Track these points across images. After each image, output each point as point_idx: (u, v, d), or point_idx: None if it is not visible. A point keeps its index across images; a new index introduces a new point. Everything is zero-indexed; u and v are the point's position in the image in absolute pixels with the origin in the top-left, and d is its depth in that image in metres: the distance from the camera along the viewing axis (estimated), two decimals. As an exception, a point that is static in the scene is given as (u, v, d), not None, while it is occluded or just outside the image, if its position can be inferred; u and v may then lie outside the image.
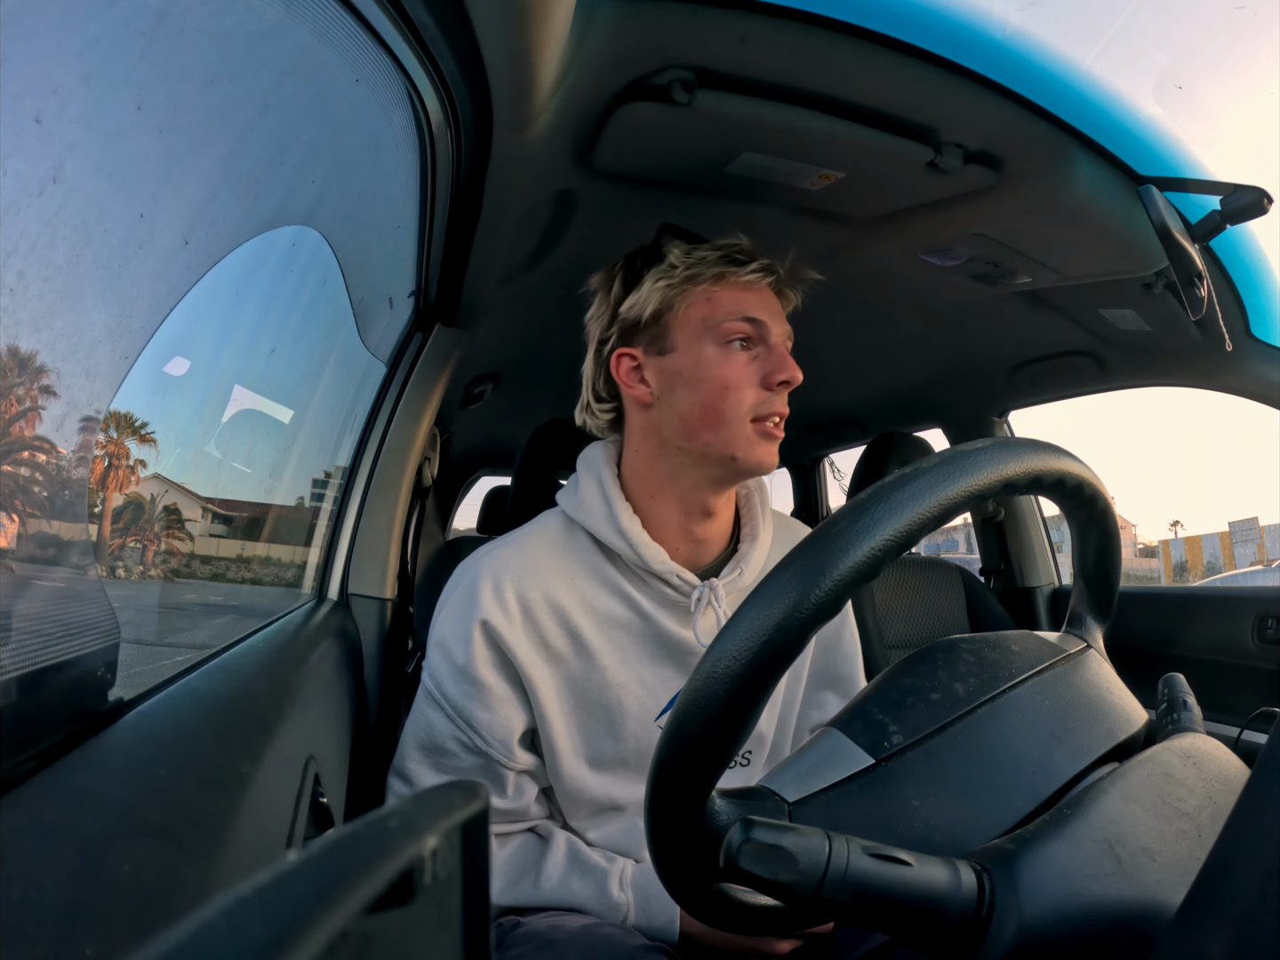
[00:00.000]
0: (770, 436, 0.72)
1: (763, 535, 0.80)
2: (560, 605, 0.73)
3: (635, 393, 0.75)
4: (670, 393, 0.73)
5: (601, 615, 0.74)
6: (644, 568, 0.73)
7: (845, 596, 0.34)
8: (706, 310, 0.72)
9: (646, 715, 0.75)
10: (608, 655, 0.74)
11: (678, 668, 0.76)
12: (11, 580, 0.40)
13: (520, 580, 0.73)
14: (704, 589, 0.74)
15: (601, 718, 0.75)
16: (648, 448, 0.76)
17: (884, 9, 0.68)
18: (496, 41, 0.56)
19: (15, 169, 0.34)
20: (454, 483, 2.91)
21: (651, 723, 0.75)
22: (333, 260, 0.82)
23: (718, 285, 0.73)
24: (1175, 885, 0.33)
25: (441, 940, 0.19)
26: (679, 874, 0.39)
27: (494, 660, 0.72)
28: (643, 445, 0.77)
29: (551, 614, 0.73)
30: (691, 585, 0.74)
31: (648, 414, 0.76)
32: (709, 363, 0.71)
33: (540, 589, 0.73)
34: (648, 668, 0.75)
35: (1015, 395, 1.66)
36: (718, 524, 0.78)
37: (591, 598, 0.74)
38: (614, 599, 0.75)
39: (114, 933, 0.25)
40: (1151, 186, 0.86)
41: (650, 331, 0.74)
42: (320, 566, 1.02)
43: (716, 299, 0.72)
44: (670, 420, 0.74)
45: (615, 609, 0.74)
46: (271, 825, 0.43)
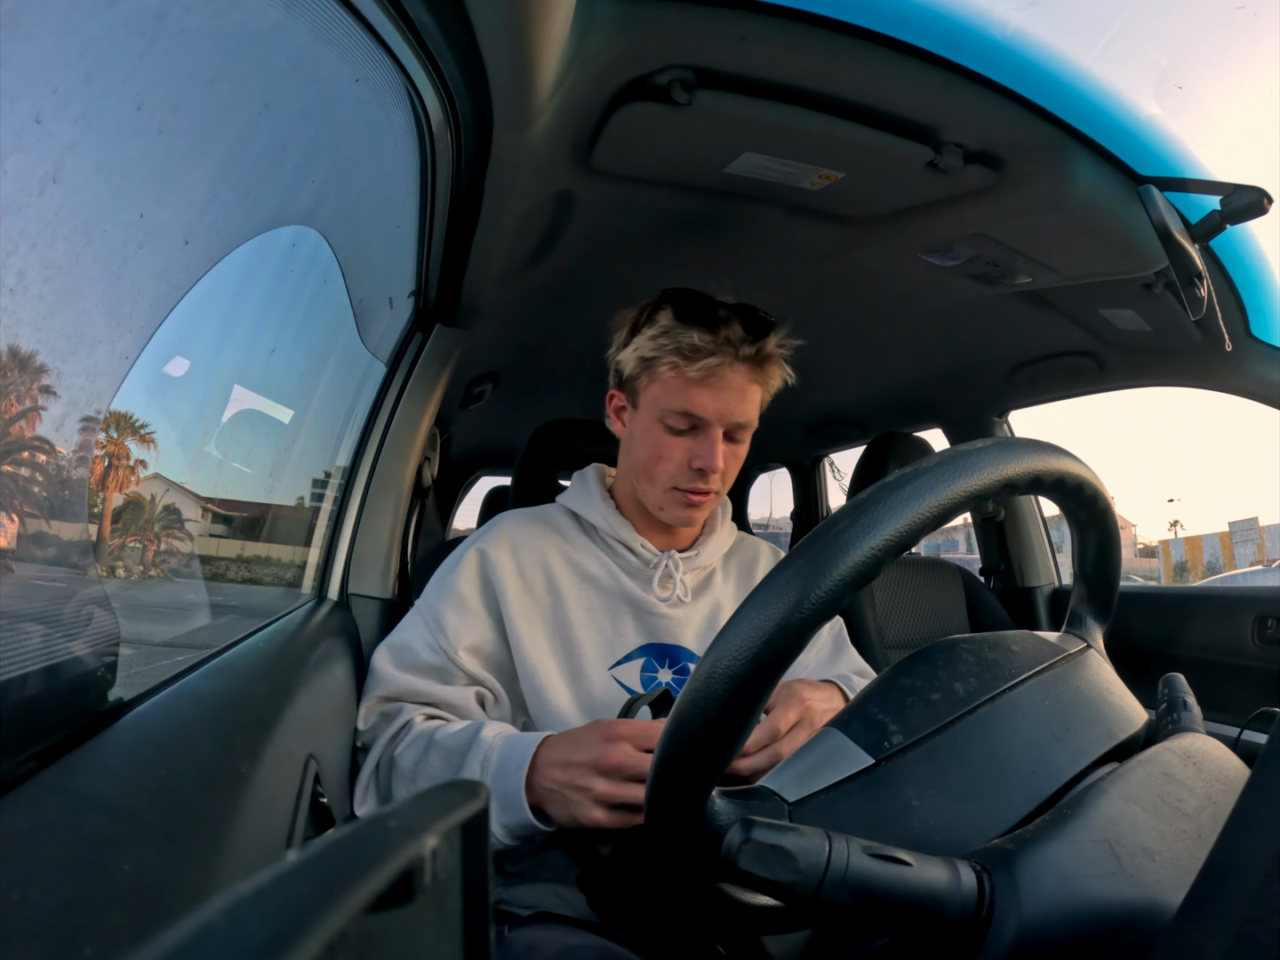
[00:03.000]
0: (689, 504, 0.84)
1: (720, 532, 0.94)
2: (545, 555, 0.87)
3: (616, 427, 0.92)
4: (631, 438, 0.89)
5: (576, 568, 0.88)
6: (614, 536, 0.88)
7: (845, 596, 0.34)
8: (658, 391, 0.83)
9: (602, 662, 0.84)
10: (575, 601, 0.86)
11: (636, 624, 0.87)
12: (11, 580, 0.40)
13: (515, 532, 0.88)
14: (664, 557, 0.88)
15: (562, 654, 0.84)
16: (623, 470, 0.93)
17: (884, 9, 0.68)
18: (496, 41, 0.56)
19: (15, 169, 0.34)
20: (454, 483, 2.91)
21: (607, 671, 0.84)
22: (333, 260, 0.82)
23: (673, 373, 0.81)
24: (1175, 885, 0.33)
25: (441, 940, 0.19)
26: (679, 873, 0.39)
27: (478, 583, 0.85)
28: (621, 465, 0.93)
29: (536, 560, 0.87)
30: (654, 554, 0.88)
31: (624, 446, 0.92)
32: (648, 432, 0.85)
33: (530, 542, 0.88)
34: (608, 619, 0.86)
35: (1015, 395, 1.66)
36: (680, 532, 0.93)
37: (570, 554, 0.89)
38: (589, 558, 0.88)
39: (114, 933, 0.25)
40: (1151, 186, 0.86)
41: (629, 386, 0.88)
42: (320, 566, 1.02)
43: (669, 384, 0.82)
44: (629, 458, 0.90)
45: (589, 565, 0.88)
46: (271, 825, 0.43)
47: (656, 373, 0.82)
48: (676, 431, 0.82)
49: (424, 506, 1.47)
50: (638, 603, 0.87)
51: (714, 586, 0.92)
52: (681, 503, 0.84)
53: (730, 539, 0.97)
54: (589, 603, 0.86)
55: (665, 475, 0.83)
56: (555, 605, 0.85)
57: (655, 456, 0.83)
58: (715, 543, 0.93)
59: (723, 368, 0.80)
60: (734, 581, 0.94)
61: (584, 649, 0.84)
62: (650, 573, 0.88)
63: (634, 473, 0.87)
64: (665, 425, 0.83)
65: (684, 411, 0.81)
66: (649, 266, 1.22)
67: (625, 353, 0.86)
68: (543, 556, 0.87)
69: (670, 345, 0.80)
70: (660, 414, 0.83)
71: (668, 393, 0.82)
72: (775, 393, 0.87)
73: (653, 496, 0.86)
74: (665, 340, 0.81)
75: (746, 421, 0.84)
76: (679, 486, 0.83)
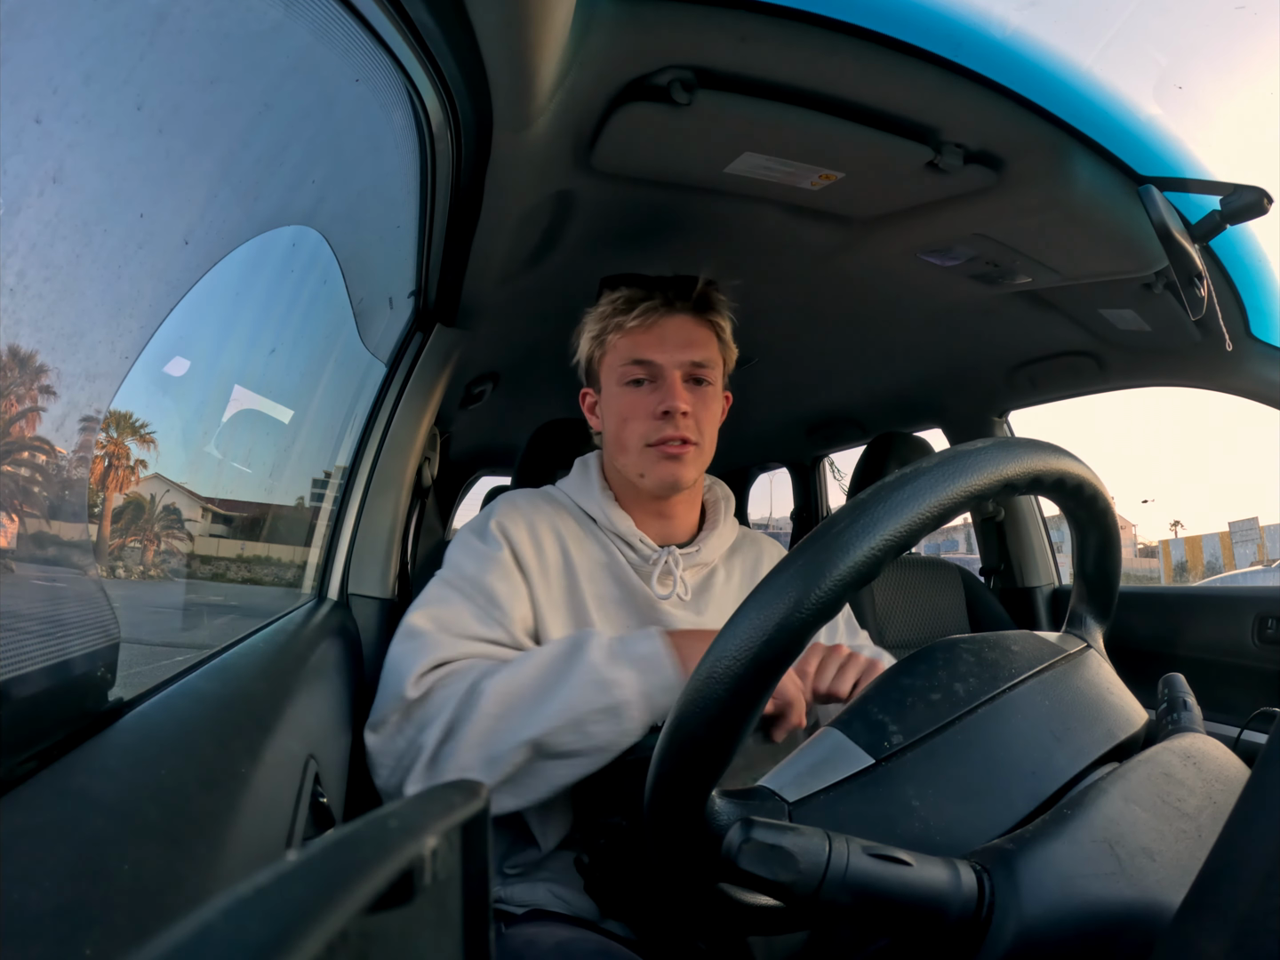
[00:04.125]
0: (670, 456, 0.83)
1: (723, 528, 0.92)
2: (560, 539, 0.85)
3: (592, 422, 0.93)
4: (605, 424, 0.89)
5: (587, 556, 0.86)
6: (612, 529, 0.86)
7: (845, 596, 0.34)
8: (612, 357, 0.87)
9: None
10: (589, 588, 0.84)
11: (639, 619, 0.84)
12: (11, 580, 0.40)
13: (530, 511, 0.86)
14: (664, 553, 0.86)
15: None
16: (607, 463, 0.92)
17: (884, 9, 0.68)
18: (496, 41, 0.56)
19: (15, 169, 0.34)
20: (454, 483, 2.91)
21: None
22: (333, 260, 0.82)
23: (617, 334, 0.85)
24: (1175, 885, 0.33)
25: (441, 940, 0.19)
26: (679, 873, 0.39)
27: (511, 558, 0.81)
28: (607, 460, 0.92)
29: (553, 542, 0.85)
30: (653, 549, 0.86)
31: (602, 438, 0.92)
32: (613, 399, 0.87)
33: (544, 524, 0.85)
34: (614, 607, 0.85)
35: (1015, 395, 1.66)
36: (676, 521, 0.91)
37: (580, 541, 0.87)
38: (596, 547, 0.87)
39: (114, 933, 0.25)
40: (1151, 186, 0.86)
41: (590, 373, 0.91)
42: (320, 566, 1.02)
43: (617, 346, 0.86)
44: (608, 445, 0.90)
45: (597, 554, 0.87)
46: (271, 825, 0.43)
47: (607, 343, 0.87)
48: (636, 383, 0.85)
49: (424, 506, 1.47)
50: (641, 598, 0.86)
51: (716, 586, 0.90)
52: (660, 457, 0.83)
53: (733, 535, 0.95)
54: (600, 591, 0.85)
55: (636, 434, 0.84)
56: (571, 589, 0.84)
57: (622, 419, 0.85)
58: (717, 539, 0.91)
59: (661, 314, 0.84)
60: (736, 581, 0.93)
61: None
62: (649, 569, 0.86)
63: (612, 452, 0.88)
64: (625, 384, 0.85)
65: (635, 360, 0.84)
66: (649, 266, 1.21)
67: (581, 345, 0.91)
68: (558, 539, 0.85)
69: (609, 310, 0.86)
70: (618, 376, 0.85)
71: (618, 354, 0.85)
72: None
73: (632, 465, 0.85)
74: (606, 309, 0.86)
75: (704, 360, 0.85)
76: (651, 441, 0.83)
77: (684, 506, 0.91)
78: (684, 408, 0.82)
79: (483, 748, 0.67)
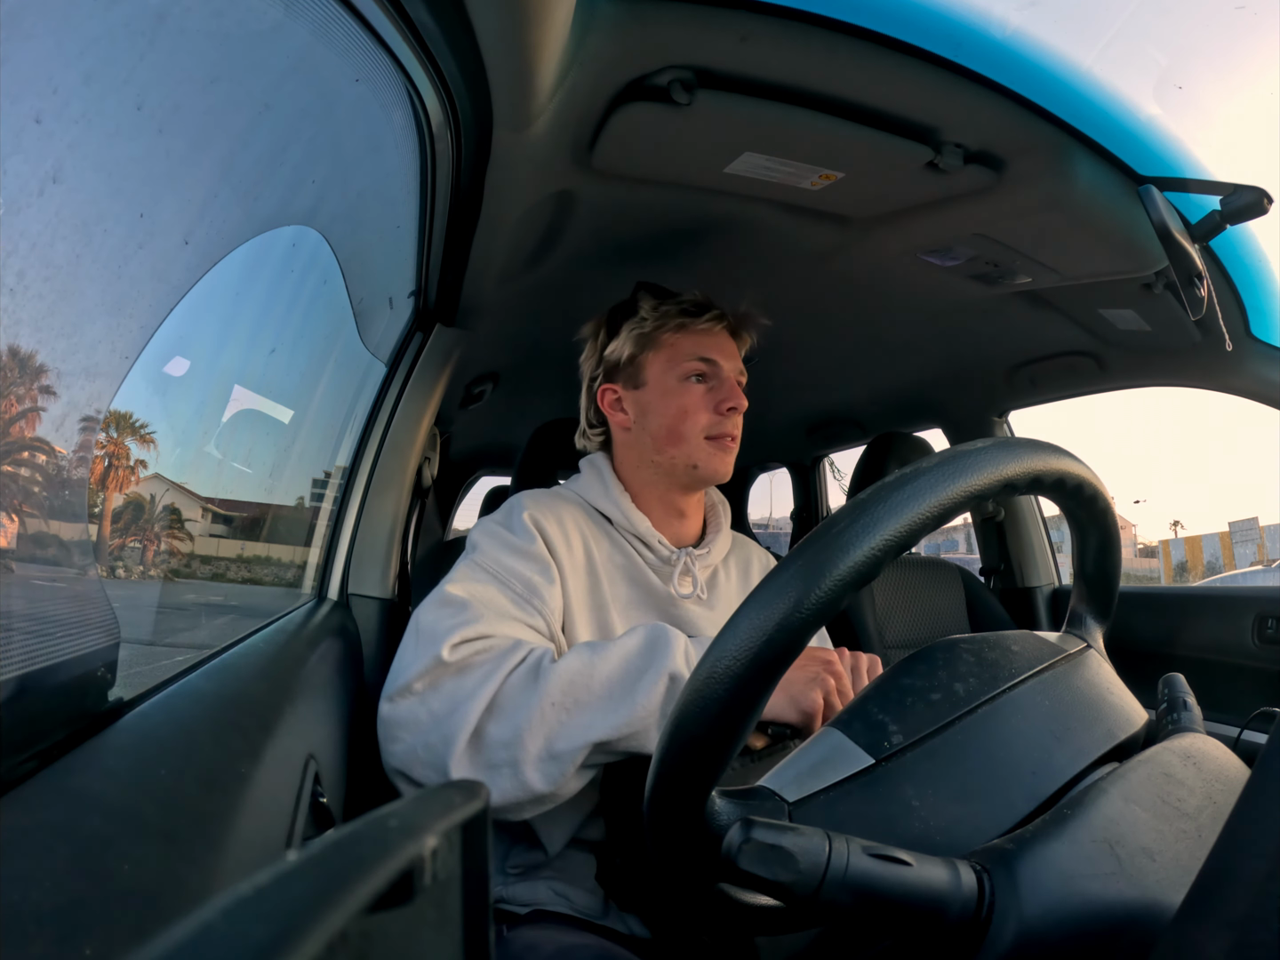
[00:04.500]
0: (724, 449, 0.89)
1: (725, 530, 0.98)
2: (585, 535, 0.87)
3: (617, 419, 0.93)
4: (644, 418, 0.90)
5: (607, 556, 0.87)
6: (631, 530, 0.88)
7: (845, 596, 0.34)
8: (670, 353, 0.89)
9: None
10: (609, 588, 0.85)
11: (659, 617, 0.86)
12: (11, 580, 0.40)
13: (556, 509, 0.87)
14: (682, 553, 0.89)
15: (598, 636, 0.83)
16: (630, 462, 0.93)
17: (884, 9, 0.68)
18: (496, 41, 0.56)
19: (15, 169, 0.34)
20: (454, 483, 2.91)
21: None
22: (333, 260, 0.82)
23: (679, 333, 0.89)
24: (1175, 885, 0.33)
25: (441, 940, 0.19)
26: (679, 873, 0.39)
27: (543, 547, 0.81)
28: (626, 460, 0.93)
29: (579, 540, 0.86)
30: (670, 550, 0.89)
31: (628, 435, 0.93)
32: (672, 394, 0.88)
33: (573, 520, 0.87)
34: (634, 609, 0.86)
35: (1015, 395, 1.66)
36: (689, 522, 0.94)
37: (600, 541, 0.88)
38: (614, 548, 0.89)
39: (114, 933, 0.25)
40: (1151, 186, 0.86)
41: (627, 371, 0.92)
42: (320, 566, 1.02)
43: (678, 344, 0.89)
44: (644, 440, 0.90)
45: (613, 554, 0.88)
46: (271, 825, 0.43)
47: (661, 341, 0.89)
48: (699, 380, 0.88)
49: (424, 506, 1.47)
50: (661, 597, 0.88)
51: (720, 583, 0.95)
52: (717, 449, 0.88)
53: (730, 535, 1.00)
54: (620, 592, 0.86)
55: (697, 427, 0.87)
56: (594, 589, 0.84)
57: (682, 413, 0.88)
58: (722, 540, 0.95)
59: (720, 324, 0.90)
60: (735, 579, 0.97)
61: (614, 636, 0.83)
62: (669, 569, 0.88)
63: (655, 446, 0.89)
64: (683, 378, 0.88)
65: (703, 358, 0.88)
66: (649, 266, 1.22)
67: (614, 344, 0.92)
68: (583, 537, 0.86)
69: (673, 311, 0.89)
70: (681, 372, 0.88)
71: (680, 353, 0.89)
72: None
73: (685, 456, 0.87)
74: (667, 308, 0.89)
75: (743, 373, 0.92)
76: (711, 434, 0.88)
77: (696, 508, 0.95)
78: (745, 405, 0.89)
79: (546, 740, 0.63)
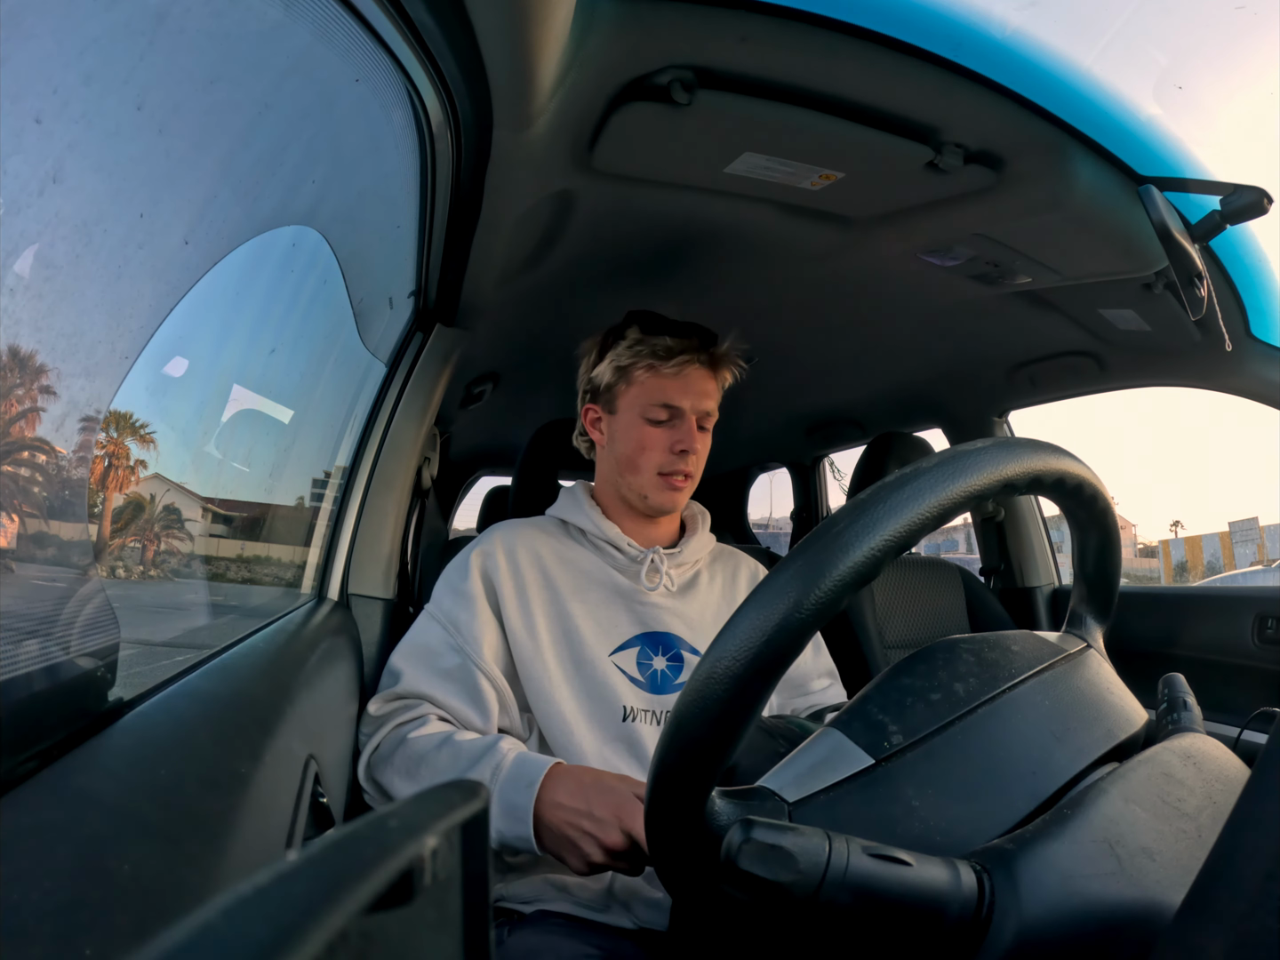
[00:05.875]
0: (673, 487, 0.95)
1: (701, 534, 1.02)
2: (539, 555, 0.94)
3: (594, 436, 1.02)
4: (612, 442, 0.99)
5: (570, 564, 0.95)
6: (602, 537, 0.96)
7: (845, 596, 0.34)
8: (637, 391, 0.96)
9: (602, 649, 0.89)
10: (571, 593, 0.92)
11: (629, 614, 0.92)
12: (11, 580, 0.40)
13: (510, 539, 0.95)
14: (650, 552, 0.95)
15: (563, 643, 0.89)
16: (603, 475, 1.02)
17: (884, 9, 0.68)
18: (496, 41, 0.56)
19: (15, 169, 0.34)
20: (454, 483, 2.91)
21: (607, 657, 0.89)
22: (333, 260, 0.82)
23: (649, 374, 0.95)
24: (1175, 885, 0.33)
25: (441, 940, 0.19)
26: (679, 873, 0.39)
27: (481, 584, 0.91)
28: (600, 472, 1.03)
29: (532, 560, 0.93)
30: (638, 550, 0.95)
31: (603, 452, 1.01)
32: (632, 428, 0.96)
33: (526, 545, 0.95)
34: (602, 608, 0.92)
35: (1015, 395, 1.66)
36: (660, 528, 1.01)
37: (563, 553, 0.96)
38: (580, 556, 0.96)
39: (114, 933, 0.25)
40: (1151, 186, 0.86)
41: (605, 396, 0.99)
42: (320, 566, 1.02)
43: (646, 385, 0.95)
44: (612, 460, 0.99)
45: (581, 562, 0.95)
46: (271, 825, 0.43)
47: (633, 377, 0.96)
48: (656, 423, 0.95)
49: (424, 506, 1.47)
50: (629, 594, 0.93)
51: (700, 585, 0.98)
52: (666, 486, 0.95)
53: (711, 542, 1.05)
54: (584, 595, 0.92)
55: (651, 463, 0.94)
56: (553, 599, 0.91)
57: (639, 448, 0.95)
58: (697, 542, 1.00)
59: (691, 365, 0.94)
60: (720, 583, 1.01)
61: (584, 636, 0.89)
62: (637, 567, 0.94)
63: (617, 470, 0.97)
64: (647, 419, 0.95)
65: (663, 404, 0.94)
66: (649, 266, 1.22)
67: (600, 368, 0.98)
68: (537, 556, 0.94)
69: (645, 350, 0.94)
70: (641, 410, 0.95)
71: (645, 392, 0.95)
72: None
73: (638, 486, 0.95)
74: (640, 348, 0.95)
75: (710, 411, 0.97)
76: (663, 471, 0.94)
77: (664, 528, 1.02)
78: (698, 448, 0.95)
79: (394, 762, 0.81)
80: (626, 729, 0.85)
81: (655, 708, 0.87)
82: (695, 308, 1.36)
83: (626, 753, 0.84)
